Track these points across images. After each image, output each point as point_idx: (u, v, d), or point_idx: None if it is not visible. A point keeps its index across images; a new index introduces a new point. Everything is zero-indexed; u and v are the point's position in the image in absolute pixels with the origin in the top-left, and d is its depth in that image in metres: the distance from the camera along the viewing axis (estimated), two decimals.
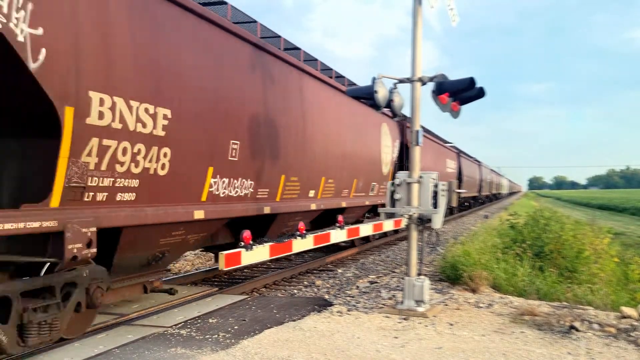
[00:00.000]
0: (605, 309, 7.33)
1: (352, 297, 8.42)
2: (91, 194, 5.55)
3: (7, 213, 4.79)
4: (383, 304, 7.66)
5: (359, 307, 7.53)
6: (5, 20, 4.49)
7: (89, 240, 5.47)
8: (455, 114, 7.75)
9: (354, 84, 13.80)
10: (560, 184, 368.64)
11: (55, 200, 5.17)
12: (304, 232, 10.10)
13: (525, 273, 9.40)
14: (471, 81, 7.31)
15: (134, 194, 6.13)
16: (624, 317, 6.67)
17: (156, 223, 6.56)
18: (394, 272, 11.37)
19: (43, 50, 4.84)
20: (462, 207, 37.51)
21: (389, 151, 16.27)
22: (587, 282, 9.55)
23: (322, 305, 7.70)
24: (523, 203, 59.43)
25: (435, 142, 26.75)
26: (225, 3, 8.65)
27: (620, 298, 9.34)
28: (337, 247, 14.42)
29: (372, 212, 16.10)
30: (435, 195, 7.44)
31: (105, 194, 5.73)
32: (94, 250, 5.55)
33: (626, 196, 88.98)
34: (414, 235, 7.43)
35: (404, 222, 7.50)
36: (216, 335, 6.04)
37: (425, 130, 25.51)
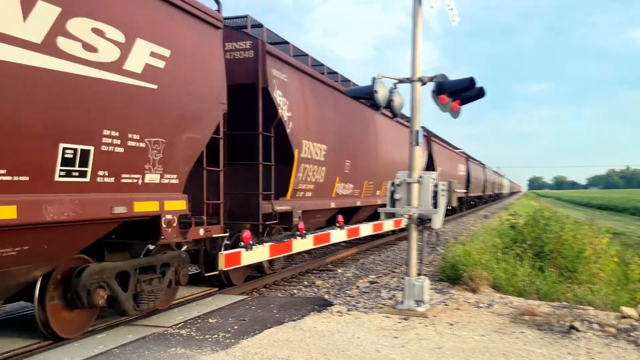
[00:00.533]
0: (605, 309, 7.33)
1: (352, 297, 8.42)
2: (300, 193, 10.92)
3: (279, 201, 10.09)
4: (383, 304, 7.66)
5: (359, 307, 7.53)
6: (281, 112, 9.77)
7: (299, 217, 10.62)
8: (455, 113, 7.75)
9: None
10: (560, 184, 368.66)
11: (288, 196, 10.41)
12: (304, 232, 10.11)
13: (525, 273, 9.40)
14: (471, 81, 7.31)
15: (311, 193, 11.46)
16: (624, 317, 6.67)
17: (315, 209, 11.85)
18: (394, 272, 11.37)
19: (291, 124, 10.18)
20: (470, 205, 41.09)
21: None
22: (587, 282, 9.55)
23: (322, 305, 7.70)
24: (523, 203, 59.47)
25: (450, 149, 31.74)
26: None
27: (620, 298, 9.34)
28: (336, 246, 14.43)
29: None
30: (435, 195, 7.43)
31: (302, 193, 11.04)
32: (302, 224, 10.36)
33: (626, 196, 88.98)
34: (414, 235, 7.43)
35: (404, 222, 7.50)
36: (216, 335, 6.04)
37: (442, 140, 28.94)
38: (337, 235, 11.78)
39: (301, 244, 10.06)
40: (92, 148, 5.46)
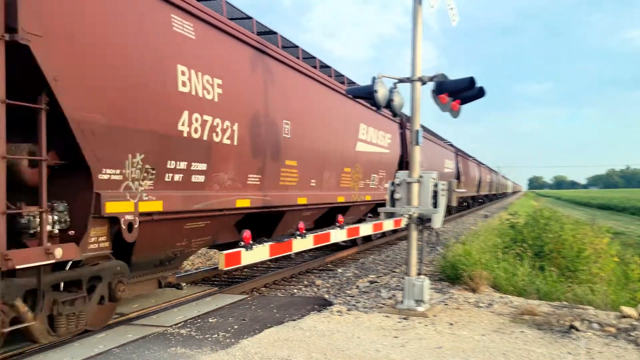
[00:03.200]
0: (605, 309, 7.33)
1: (352, 296, 8.42)
2: None
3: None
4: (383, 304, 7.66)
5: (359, 307, 7.53)
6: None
7: None
8: (455, 113, 7.75)
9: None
10: (560, 183, 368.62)
11: None
12: (304, 231, 10.10)
13: (525, 273, 9.40)
14: (471, 81, 7.31)
15: None
16: (624, 317, 6.67)
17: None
18: (394, 271, 11.38)
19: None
20: (481, 202, 50.65)
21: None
22: (587, 282, 9.55)
23: (322, 304, 7.70)
24: (523, 203, 59.49)
25: (469, 159, 37.88)
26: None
27: (620, 298, 9.34)
28: (337, 246, 14.42)
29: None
30: (435, 195, 7.43)
31: None
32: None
33: (626, 196, 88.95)
34: (414, 234, 7.43)
35: (404, 222, 7.50)
36: (216, 335, 6.04)
37: (465, 155, 32.19)
38: (337, 235, 11.78)
39: (301, 244, 10.06)
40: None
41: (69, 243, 5.60)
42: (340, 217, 12.03)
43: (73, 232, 5.78)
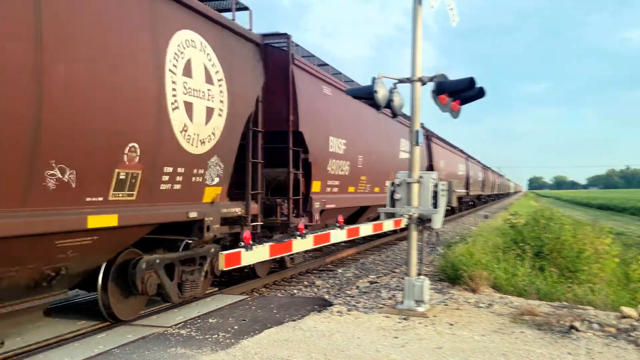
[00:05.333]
0: (606, 309, 7.32)
1: (352, 297, 8.42)
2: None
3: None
4: (383, 304, 7.65)
5: (359, 307, 7.53)
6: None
7: None
8: (455, 113, 7.74)
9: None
10: (560, 184, 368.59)
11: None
12: (304, 232, 10.09)
13: (526, 273, 9.40)
14: (471, 81, 7.30)
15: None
16: (624, 317, 6.66)
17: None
18: (394, 272, 11.38)
19: None
20: (484, 201, 54.63)
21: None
22: (587, 282, 9.55)
23: (322, 305, 7.70)
24: (523, 203, 59.48)
25: (476, 163, 43.57)
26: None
27: (621, 298, 9.34)
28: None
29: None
30: (435, 195, 7.43)
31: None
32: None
33: (626, 196, 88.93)
34: (414, 235, 7.43)
35: (404, 222, 7.50)
36: (216, 335, 6.04)
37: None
38: (337, 235, 11.76)
39: (301, 244, 10.04)
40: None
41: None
42: (340, 218, 12.03)
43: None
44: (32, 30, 4.86)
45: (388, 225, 13.82)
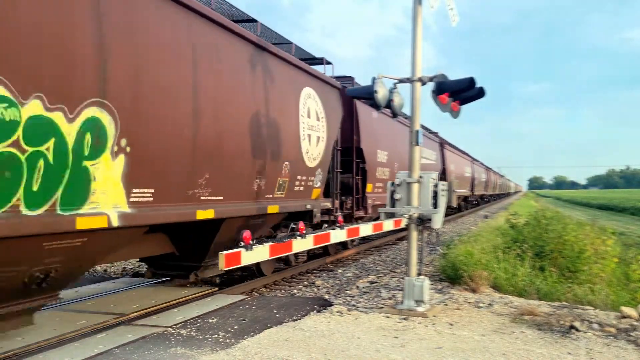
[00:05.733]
0: (606, 309, 7.32)
1: (352, 297, 8.42)
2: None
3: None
4: (383, 304, 7.66)
5: (359, 307, 7.53)
6: None
7: None
8: (455, 114, 7.74)
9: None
10: (560, 184, 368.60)
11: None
12: (304, 232, 10.08)
13: (526, 273, 9.40)
14: (471, 81, 7.30)
15: None
16: (624, 317, 6.67)
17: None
18: (394, 272, 11.38)
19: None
20: (486, 200, 56.88)
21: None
22: (587, 282, 9.55)
23: (322, 305, 7.70)
24: (523, 203, 59.46)
25: (480, 165, 46.38)
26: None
27: (621, 298, 9.33)
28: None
29: None
30: (435, 195, 7.43)
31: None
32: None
33: (626, 196, 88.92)
34: (414, 235, 7.43)
35: (404, 222, 7.50)
36: (216, 335, 6.04)
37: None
38: (337, 235, 11.75)
39: (301, 244, 10.03)
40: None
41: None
42: (340, 218, 12.02)
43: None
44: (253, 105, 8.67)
45: (388, 225, 13.77)
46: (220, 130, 7.64)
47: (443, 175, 26.28)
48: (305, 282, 10.93)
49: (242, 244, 8.21)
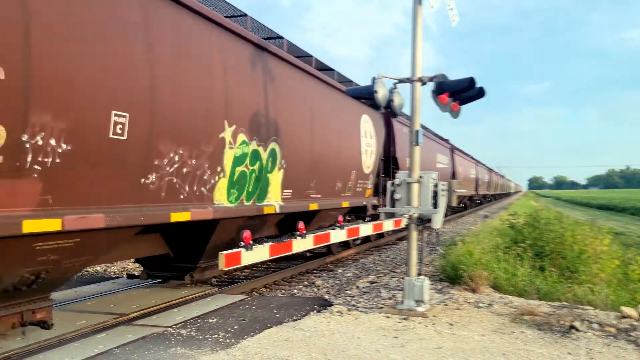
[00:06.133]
0: (606, 309, 7.32)
1: (352, 297, 8.42)
2: None
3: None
4: (383, 304, 7.66)
5: (359, 307, 7.53)
6: None
7: None
8: (455, 114, 7.75)
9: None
10: (560, 184, 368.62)
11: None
12: (304, 232, 10.08)
13: (526, 273, 9.40)
14: (471, 81, 7.30)
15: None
16: (624, 317, 6.67)
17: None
18: (394, 272, 11.38)
19: None
20: (488, 200, 60.14)
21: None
22: (587, 282, 9.54)
23: (322, 305, 7.70)
24: (523, 203, 59.44)
25: (483, 167, 50.22)
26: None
27: (621, 298, 9.33)
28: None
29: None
30: (435, 195, 7.43)
31: None
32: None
33: (626, 196, 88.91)
34: (414, 235, 7.43)
35: (404, 222, 7.50)
36: (216, 335, 6.04)
37: (481, 164, 37.91)
38: (337, 235, 11.76)
39: (301, 244, 10.04)
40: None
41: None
42: (340, 218, 12.01)
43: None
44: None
45: (388, 225, 13.77)
46: (320, 151, 11.23)
47: (454, 177, 30.65)
48: (305, 282, 10.93)
49: (242, 243, 8.21)
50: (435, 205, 7.41)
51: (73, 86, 5.13)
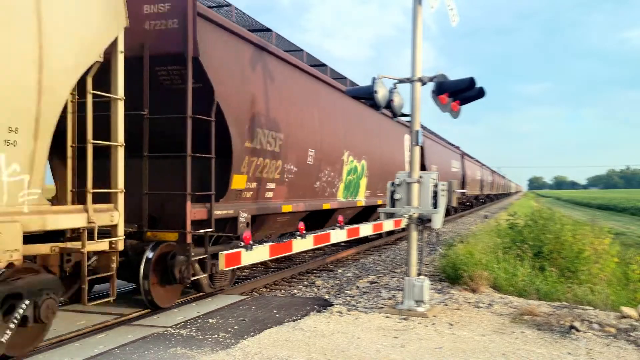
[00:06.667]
0: (605, 309, 7.32)
1: (352, 297, 8.42)
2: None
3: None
4: (383, 304, 7.66)
5: (359, 307, 7.53)
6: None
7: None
8: (455, 114, 7.74)
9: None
10: (560, 184, 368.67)
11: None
12: (304, 232, 10.10)
13: (526, 273, 9.40)
14: (471, 81, 7.31)
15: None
16: (624, 317, 6.67)
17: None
18: (394, 272, 11.38)
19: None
20: (490, 199, 61.62)
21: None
22: (587, 282, 9.55)
23: (322, 305, 7.70)
24: (523, 203, 59.47)
25: (487, 169, 55.33)
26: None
27: (621, 298, 9.34)
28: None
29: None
30: (435, 195, 7.43)
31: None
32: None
33: (626, 196, 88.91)
34: (414, 235, 7.43)
35: (404, 222, 7.50)
36: (216, 335, 6.04)
37: (485, 166, 40.20)
38: (337, 235, 11.78)
39: (301, 244, 10.05)
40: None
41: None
42: (340, 218, 12.04)
43: None
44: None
45: (388, 225, 13.85)
46: (385, 163, 15.78)
47: (464, 179, 34.61)
48: (305, 282, 10.93)
49: (242, 243, 8.22)
50: (435, 205, 7.41)
51: (297, 139, 10.25)
